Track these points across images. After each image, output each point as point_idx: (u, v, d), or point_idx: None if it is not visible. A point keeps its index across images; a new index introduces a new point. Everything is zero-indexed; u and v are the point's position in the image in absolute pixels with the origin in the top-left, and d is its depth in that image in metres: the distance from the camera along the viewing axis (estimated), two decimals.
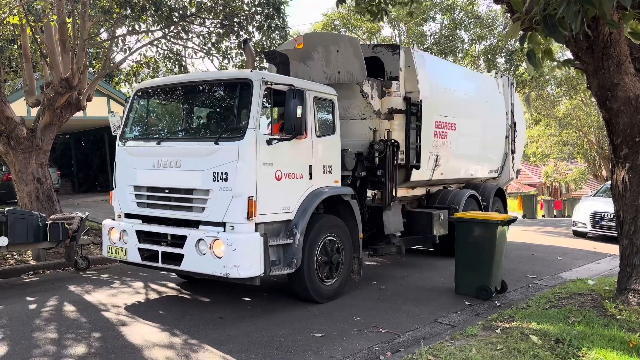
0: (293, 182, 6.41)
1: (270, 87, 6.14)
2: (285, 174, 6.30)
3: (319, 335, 5.60)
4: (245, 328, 5.86)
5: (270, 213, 6.11)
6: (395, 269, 9.52)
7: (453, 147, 10.09)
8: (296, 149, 6.48)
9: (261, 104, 6.02)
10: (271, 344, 5.38)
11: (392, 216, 8.29)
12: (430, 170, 9.59)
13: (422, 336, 5.62)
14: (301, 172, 6.54)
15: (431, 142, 9.38)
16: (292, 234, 6.31)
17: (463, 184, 11.56)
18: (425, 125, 9.05)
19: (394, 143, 8.37)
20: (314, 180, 6.73)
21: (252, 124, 5.90)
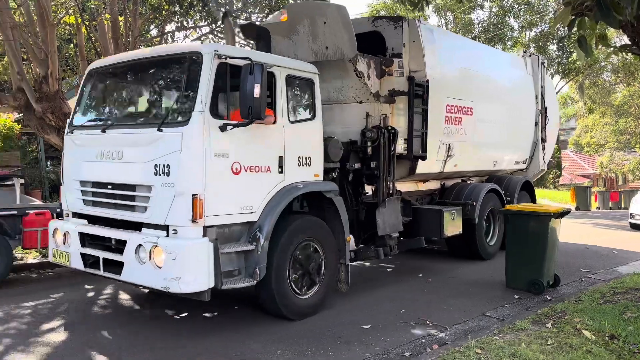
0: (257, 177, 5.36)
1: (225, 62, 5.10)
2: (246, 166, 5.26)
3: (365, 327, 5.59)
4: (302, 323, 5.73)
5: (225, 214, 5.09)
6: (442, 261, 9.26)
7: (470, 135, 8.83)
8: (261, 137, 5.43)
9: (213, 82, 4.99)
10: (320, 334, 5.38)
11: (387, 214, 7.14)
12: (441, 162, 8.38)
13: (470, 329, 5.55)
14: (268, 164, 5.48)
15: (441, 129, 8.17)
16: (255, 239, 5.28)
17: (485, 177, 10.30)
18: (434, 109, 7.84)
19: (390, 130, 7.21)
20: (286, 174, 5.66)
21: (200, 106, 4.87)
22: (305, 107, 6.12)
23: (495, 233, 9.55)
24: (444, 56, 8.17)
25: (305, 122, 6.00)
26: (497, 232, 9.54)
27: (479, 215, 8.81)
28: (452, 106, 8.32)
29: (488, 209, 9.22)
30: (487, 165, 9.82)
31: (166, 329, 5.53)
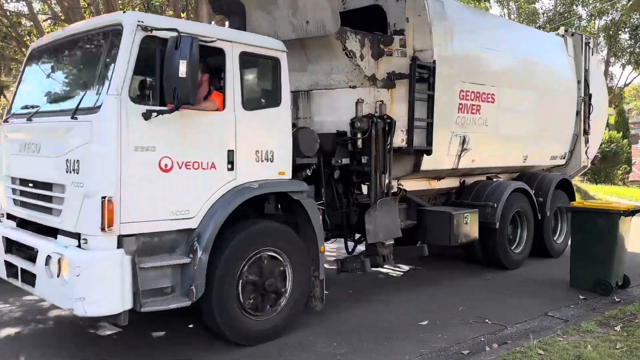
0: (196, 175, 4.43)
1: (153, 36, 4.18)
2: (181, 162, 4.33)
3: (422, 323, 5.54)
4: (351, 314, 5.79)
5: (150, 220, 4.19)
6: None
7: (491, 126, 7.60)
8: (203, 127, 4.50)
9: (134, 60, 4.08)
10: (375, 329, 5.35)
11: (380, 218, 6.07)
12: (453, 157, 7.20)
13: (532, 329, 5.40)
14: (212, 160, 4.53)
15: (453, 118, 6.99)
16: (193, 250, 4.36)
17: (516, 174, 9.01)
18: (443, 95, 6.69)
19: (385, 119, 6.14)
20: (239, 171, 4.70)
21: (115, 89, 3.97)
22: (269, 91, 5.13)
23: (523, 240, 8.26)
24: (459, 33, 6.96)
25: (267, 110, 5.02)
26: (524, 239, 8.26)
27: (501, 218, 7.58)
28: (467, 92, 7.11)
29: (513, 212, 7.95)
30: (516, 161, 8.53)
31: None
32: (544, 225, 8.60)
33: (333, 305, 5.92)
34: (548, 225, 8.72)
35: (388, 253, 6.29)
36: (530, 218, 8.28)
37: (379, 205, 6.12)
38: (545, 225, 8.63)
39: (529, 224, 8.27)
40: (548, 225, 8.72)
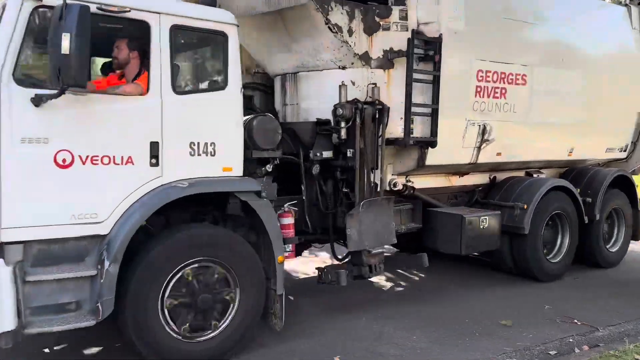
0: (106, 172, 3.74)
1: (45, 5, 3.51)
2: (84, 157, 3.65)
3: (504, 322, 5.35)
4: (433, 310, 5.65)
5: (43, 225, 3.55)
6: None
7: (521, 113, 6.43)
8: (118, 115, 3.80)
9: (22, 35, 3.44)
10: (457, 324, 5.25)
11: (365, 222, 5.14)
12: (470, 149, 6.12)
13: (626, 332, 5.18)
14: (128, 153, 3.83)
15: (469, 103, 5.91)
16: (101, 261, 3.70)
17: (563, 169, 7.71)
18: (454, 76, 5.65)
19: (375, 105, 5.20)
20: (165, 167, 3.97)
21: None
22: (211, 72, 4.36)
23: (563, 247, 7.00)
24: (477, 1, 5.85)
25: (207, 94, 4.25)
26: (564, 246, 6.99)
27: (532, 222, 6.40)
28: (488, 72, 5.97)
29: (550, 214, 6.73)
30: (558, 154, 7.23)
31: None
32: (592, 231, 7.27)
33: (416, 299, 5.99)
34: (598, 230, 7.37)
35: (376, 262, 5.36)
36: (574, 221, 7.00)
37: (366, 206, 5.19)
38: (593, 231, 7.29)
39: (571, 228, 6.99)
40: (598, 230, 7.37)
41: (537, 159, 7.04)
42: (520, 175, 7.12)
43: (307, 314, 5.49)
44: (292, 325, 4.94)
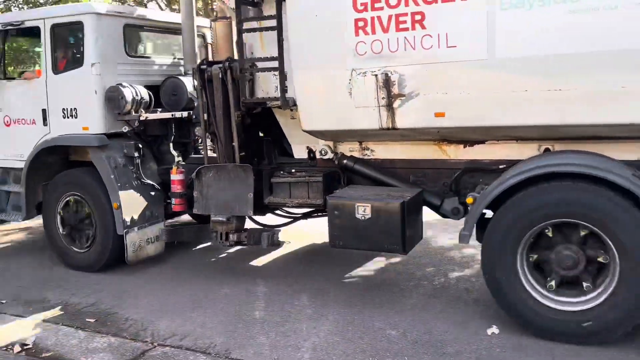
0: (24, 129, 5.93)
1: None
2: (15, 119, 5.98)
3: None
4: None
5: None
6: None
7: (468, 45, 3.93)
8: (26, 92, 5.88)
9: None
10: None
11: (213, 187, 5.10)
12: (374, 109, 4.38)
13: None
14: (33, 117, 5.85)
15: (350, 45, 4.32)
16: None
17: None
18: (306, 10, 4.36)
19: (224, 64, 4.92)
20: (51, 126, 5.74)
21: None
22: (75, 54, 5.68)
23: None
24: None
25: (72, 71, 5.62)
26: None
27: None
28: None
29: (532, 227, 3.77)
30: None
31: None
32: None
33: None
34: None
35: (225, 230, 5.09)
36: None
37: (209, 171, 5.06)
38: None
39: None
40: None
41: (560, 122, 3.84)
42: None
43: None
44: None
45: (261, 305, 4.68)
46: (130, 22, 5.79)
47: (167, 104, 5.79)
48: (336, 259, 5.72)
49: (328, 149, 5.00)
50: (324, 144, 5.02)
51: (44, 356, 3.97)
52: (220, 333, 4.17)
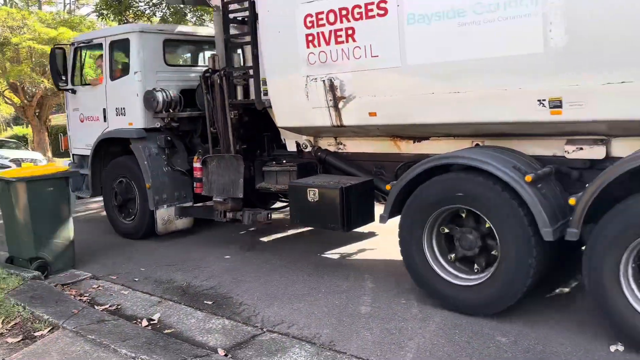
0: (92, 124, 7.50)
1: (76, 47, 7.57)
2: (86, 116, 7.59)
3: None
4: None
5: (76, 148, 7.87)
6: None
7: (387, 56, 4.62)
8: (94, 94, 7.43)
9: (72, 65, 7.72)
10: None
11: (214, 173, 6.31)
12: (325, 109, 5.20)
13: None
14: (97, 114, 7.39)
15: (302, 56, 5.19)
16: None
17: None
18: (274, 30, 5.31)
19: (222, 73, 6.06)
20: (109, 122, 7.22)
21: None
22: (126, 64, 7.00)
23: None
24: None
25: (122, 78, 7.03)
26: None
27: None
28: (319, 14, 4.88)
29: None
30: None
31: None
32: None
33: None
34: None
35: (223, 209, 6.18)
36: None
37: (212, 160, 6.20)
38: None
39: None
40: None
41: (464, 120, 4.38)
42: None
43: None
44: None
45: (367, 301, 4.69)
46: (169, 37, 7.11)
47: (200, 105, 6.93)
48: None
49: (308, 143, 5.87)
50: (305, 139, 5.89)
51: (166, 332, 4.22)
52: (326, 324, 4.24)
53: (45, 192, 5.62)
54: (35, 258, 5.58)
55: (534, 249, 3.86)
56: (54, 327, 4.21)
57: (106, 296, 5.10)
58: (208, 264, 5.93)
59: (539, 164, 4.25)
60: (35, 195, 5.53)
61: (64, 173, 5.90)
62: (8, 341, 4.03)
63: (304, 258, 5.98)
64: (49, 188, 5.65)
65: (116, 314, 4.61)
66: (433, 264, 4.43)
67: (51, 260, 5.66)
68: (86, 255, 6.34)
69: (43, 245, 5.63)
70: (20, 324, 4.31)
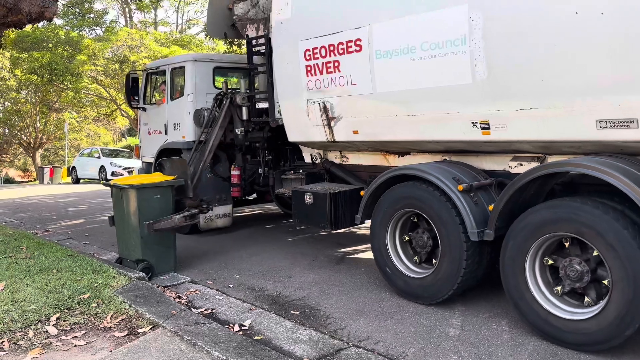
0: (156, 136, 9.01)
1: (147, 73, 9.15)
2: (152, 130, 9.12)
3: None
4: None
5: (148, 156, 9.38)
6: None
7: (362, 83, 5.59)
8: (158, 112, 8.94)
9: (143, 88, 9.30)
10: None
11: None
12: (321, 127, 6.24)
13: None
14: (160, 128, 8.88)
15: (302, 84, 6.27)
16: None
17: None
18: (284, 61, 6.45)
19: (227, 95, 7.31)
20: (168, 135, 8.69)
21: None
22: (182, 87, 8.41)
23: None
24: None
25: (179, 99, 8.43)
26: None
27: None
28: (315, 49, 5.94)
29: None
30: (464, 133, 4.83)
31: None
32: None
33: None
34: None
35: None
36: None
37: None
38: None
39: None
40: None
41: (420, 138, 5.22)
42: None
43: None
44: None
45: (456, 323, 4.58)
46: (218, 64, 8.46)
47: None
48: None
49: (318, 155, 6.90)
50: (316, 152, 6.92)
51: (256, 338, 4.32)
52: (412, 344, 4.18)
53: (153, 198, 6.01)
54: (141, 260, 5.98)
55: (464, 250, 4.60)
56: (154, 326, 4.43)
57: (202, 300, 5.30)
58: (298, 274, 6.10)
59: (485, 177, 4.98)
60: (143, 201, 5.94)
61: (169, 182, 6.23)
62: (115, 335, 4.27)
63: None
64: (155, 195, 6.05)
65: (210, 318, 4.77)
66: (395, 261, 5.26)
67: (154, 262, 6.04)
68: (186, 259, 6.83)
69: (148, 249, 6.00)
70: (126, 320, 4.53)
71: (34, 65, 24.53)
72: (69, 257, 6.41)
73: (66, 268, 5.85)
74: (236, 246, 7.58)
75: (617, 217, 3.65)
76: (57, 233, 9.10)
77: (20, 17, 7.79)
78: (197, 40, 29.83)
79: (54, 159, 35.85)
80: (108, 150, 25.92)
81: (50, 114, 31.52)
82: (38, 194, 17.49)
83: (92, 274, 5.62)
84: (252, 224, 9.26)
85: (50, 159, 36.11)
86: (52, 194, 17.05)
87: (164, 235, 6.12)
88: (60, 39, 25.46)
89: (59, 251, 6.77)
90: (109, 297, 4.97)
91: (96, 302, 4.85)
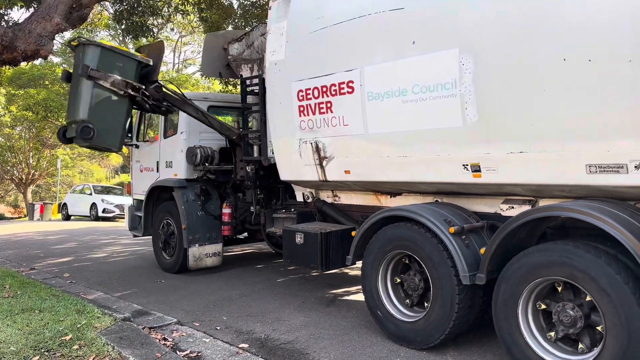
0: (148, 174, 8.99)
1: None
2: (144, 167, 9.09)
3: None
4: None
5: (138, 193, 9.32)
6: None
7: (354, 124, 5.61)
8: (151, 149, 8.93)
9: (135, 122, 9.32)
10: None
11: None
12: (313, 167, 6.24)
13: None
14: (152, 166, 8.87)
15: (295, 124, 6.29)
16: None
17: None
18: (277, 101, 6.49)
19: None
20: (160, 173, 8.68)
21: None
22: (175, 125, 8.44)
23: None
24: (295, 27, 6.09)
25: (171, 137, 8.44)
26: None
27: None
28: (308, 90, 5.99)
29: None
30: (455, 175, 4.83)
31: None
32: None
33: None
34: None
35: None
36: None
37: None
38: None
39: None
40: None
41: (411, 179, 5.21)
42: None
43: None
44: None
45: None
46: (212, 103, 8.50)
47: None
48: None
49: (310, 194, 6.87)
50: (308, 190, 6.90)
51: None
52: None
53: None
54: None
55: (456, 293, 4.52)
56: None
57: (188, 343, 5.18)
58: (287, 317, 6.02)
59: (476, 219, 4.95)
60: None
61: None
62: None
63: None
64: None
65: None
66: (386, 303, 5.18)
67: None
68: (174, 300, 6.79)
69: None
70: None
71: (30, 102, 24.66)
72: (52, 296, 6.27)
73: (49, 308, 5.72)
74: (225, 286, 7.47)
75: (609, 262, 3.61)
76: (42, 271, 8.93)
77: (15, 55, 7.85)
78: (194, 79, 30.18)
79: (46, 195, 35.66)
80: (100, 188, 25.87)
81: (43, 150, 31.49)
82: (27, 230, 17.31)
83: (75, 314, 5.49)
84: (243, 264, 9.15)
85: (42, 195, 35.91)
86: (41, 231, 16.87)
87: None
88: (57, 77, 25.66)
89: (43, 290, 6.63)
90: (92, 338, 4.83)
91: (78, 344, 4.70)
